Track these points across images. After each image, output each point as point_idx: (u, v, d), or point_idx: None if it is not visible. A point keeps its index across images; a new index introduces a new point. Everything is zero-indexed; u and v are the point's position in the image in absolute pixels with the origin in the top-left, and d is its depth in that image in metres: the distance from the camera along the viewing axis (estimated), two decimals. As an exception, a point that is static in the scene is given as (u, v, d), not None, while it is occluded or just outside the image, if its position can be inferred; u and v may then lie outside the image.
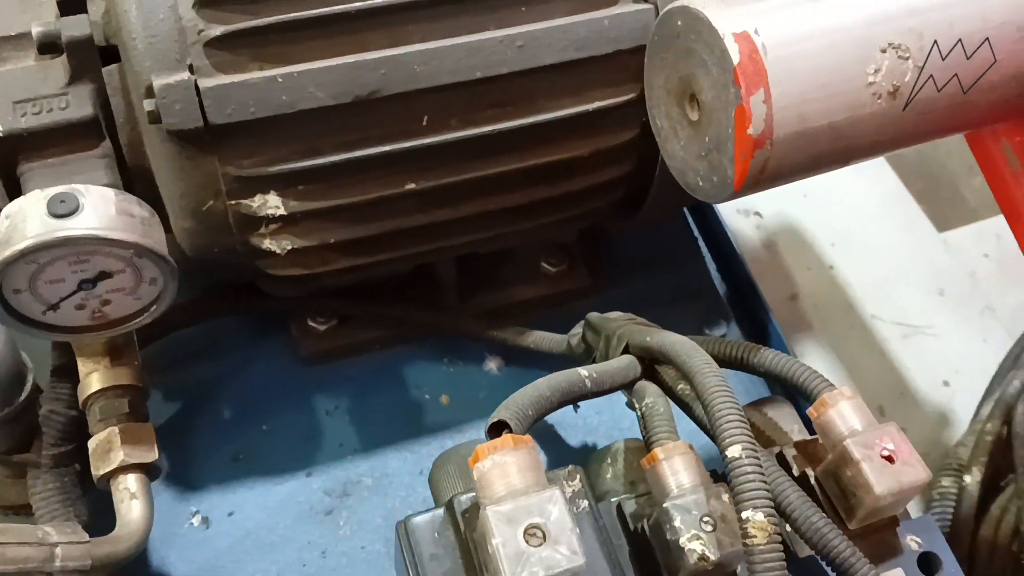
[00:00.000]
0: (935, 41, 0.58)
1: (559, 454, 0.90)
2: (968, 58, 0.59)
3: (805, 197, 1.23)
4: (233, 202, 0.70)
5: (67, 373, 0.73)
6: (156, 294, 0.65)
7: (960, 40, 0.58)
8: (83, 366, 0.70)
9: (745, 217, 1.20)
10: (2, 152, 0.66)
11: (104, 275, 0.62)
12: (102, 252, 0.60)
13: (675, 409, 0.68)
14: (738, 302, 1.06)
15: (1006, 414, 1.00)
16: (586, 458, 0.73)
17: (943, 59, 0.58)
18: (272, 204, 0.70)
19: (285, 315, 0.94)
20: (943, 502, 0.96)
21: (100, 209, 0.59)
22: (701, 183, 0.63)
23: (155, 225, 0.63)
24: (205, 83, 0.64)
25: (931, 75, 0.58)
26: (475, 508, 0.54)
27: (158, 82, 0.64)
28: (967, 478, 0.97)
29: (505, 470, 0.53)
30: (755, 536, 0.53)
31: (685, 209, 1.11)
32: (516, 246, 0.97)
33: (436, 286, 0.93)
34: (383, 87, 0.68)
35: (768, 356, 0.69)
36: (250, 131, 0.67)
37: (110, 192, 0.61)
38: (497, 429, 0.58)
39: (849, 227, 1.21)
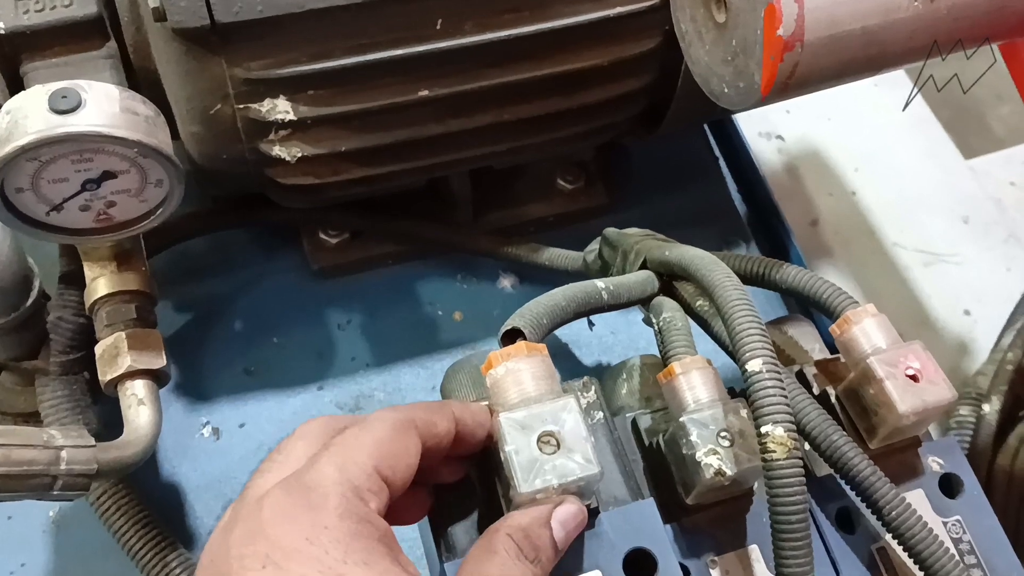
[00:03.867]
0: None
1: (574, 372, 0.88)
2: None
3: (829, 120, 1.20)
4: (241, 106, 0.68)
5: (76, 280, 0.72)
6: (162, 196, 0.63)
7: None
8: (90, 271, 0.69)
9: (767, 140, 1.17)
10: (4, 50, 0.65)
11: (108, 175, 0.60)
12: (105, 150, 0.58)
13: (694, 327, 0.67)
14: (758, 224, 1.04)
15: (1028, 343, 0.98)
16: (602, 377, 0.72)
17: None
18: (281, 109, 0.68)
19: (297, 229, 0.92)
20: (961, 431, 0.95)
21: (103, 106, 0.57)
22: (726, 89, 0.60)
23: (160, 124, 0.61)
24: (211, -22, 0.62)
25: (971, -24, 0.56)
26: (488, 416, 0.53)
27: (163, -23, 0.61)
28: (986, 407, 0.95)
29: (518, 377, 0.52)
30: (774, 451, 0.52)
31: (706, 129, 1.08)
32: (532, 162, 0.95)
33: (451, 202, 0.91)
34: (395, -14, 0.66)
35: (791, 272, 0.66)
36: (258, 31, 0.64)
37: (114, 89, 0.59)
38: (511, 337, 0.56)
39: (873, 152, 1.18)
